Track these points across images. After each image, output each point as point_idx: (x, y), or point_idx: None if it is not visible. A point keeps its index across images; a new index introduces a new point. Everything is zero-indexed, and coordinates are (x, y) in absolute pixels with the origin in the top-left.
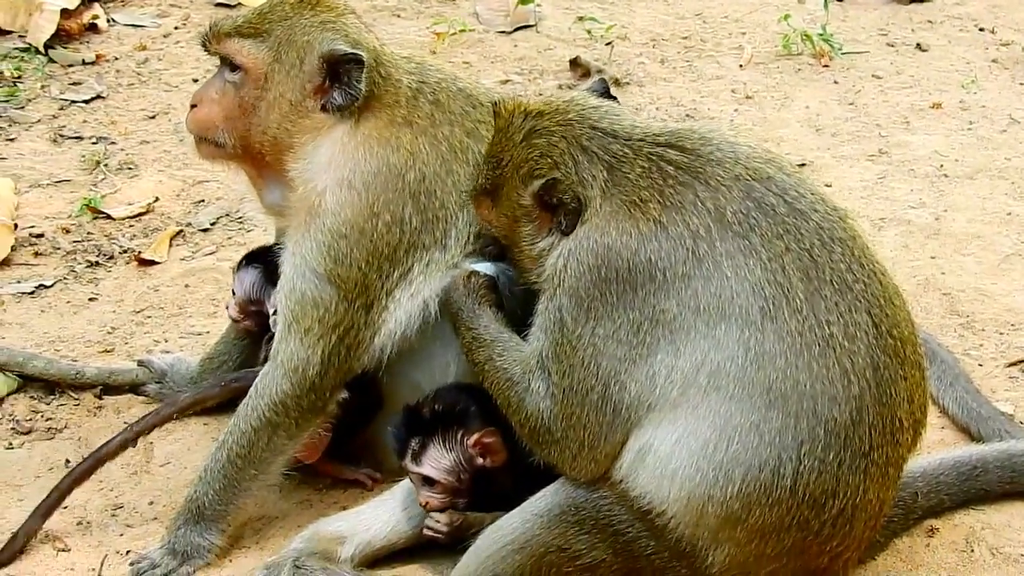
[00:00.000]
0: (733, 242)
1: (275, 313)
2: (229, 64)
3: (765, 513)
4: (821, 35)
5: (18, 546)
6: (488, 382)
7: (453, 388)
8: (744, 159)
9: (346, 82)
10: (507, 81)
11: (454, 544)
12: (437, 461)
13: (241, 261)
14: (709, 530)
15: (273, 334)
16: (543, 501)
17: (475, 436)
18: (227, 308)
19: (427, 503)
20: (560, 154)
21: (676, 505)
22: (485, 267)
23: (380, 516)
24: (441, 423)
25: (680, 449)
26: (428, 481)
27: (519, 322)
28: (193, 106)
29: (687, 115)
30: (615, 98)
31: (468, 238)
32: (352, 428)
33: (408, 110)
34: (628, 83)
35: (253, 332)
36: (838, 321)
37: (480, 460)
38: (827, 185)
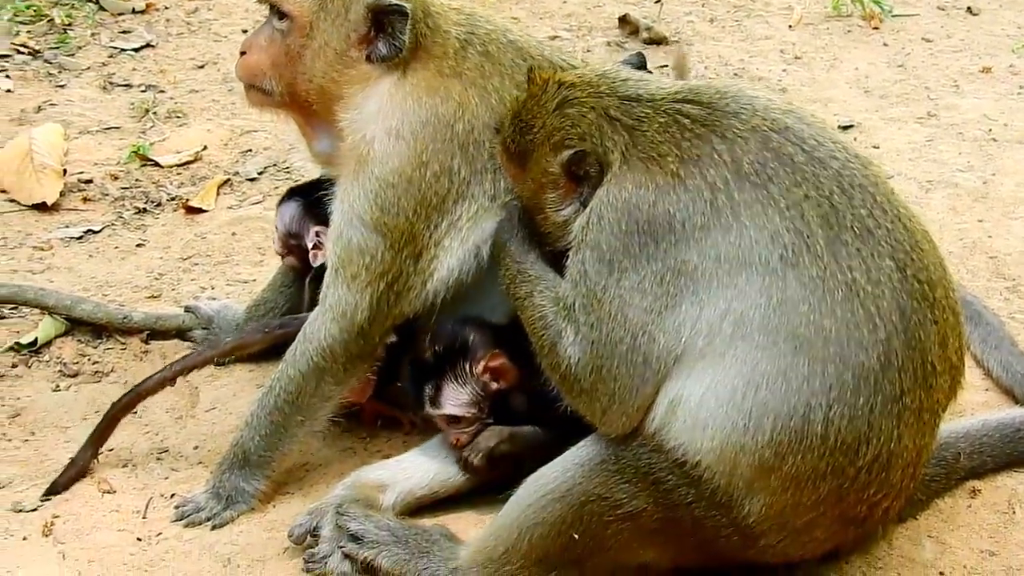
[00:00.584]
0: (751, 192)
1: (314, 248)
2: (277, 12)
3: (798, 461)
4: None
5: (73, 473)
6: (525, 317)
7: (448, 326)
8: (761, 110)
9: (390, 33)
10: (555, 37)
11: (496, 486)
12: (455, 398)
13: (283, 195)
14: (744, 479)
15: (314, 274)
16: (583, 450)
17: (482, 363)
18: (274, 243)
19: (457, 440)
20: (588, 125)
21: (710, 455)
22: None
23: (422, 464)
24: (447, 362)
25: (709, 399)
26: (453, 420)
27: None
28: (242, 53)
29: (735, 74)
30: (651, 73)
31: None
32: (399, 372)
33: (456, 61)
34: (677, 41)
35: (298, 270)
36: (860, 266)
37: (494, 384)
38: (875, 147)
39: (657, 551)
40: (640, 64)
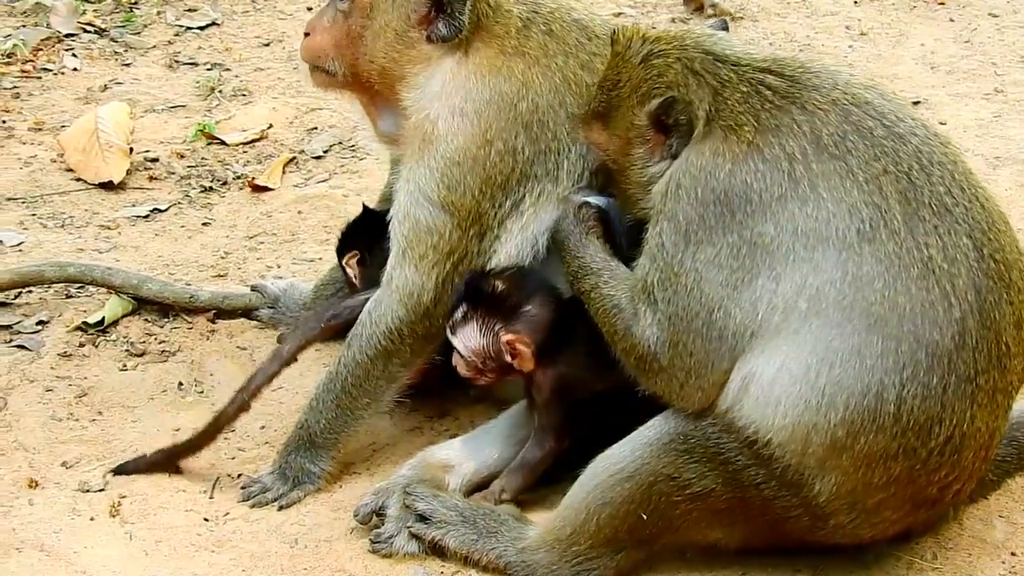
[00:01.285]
0: (829, 164)
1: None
2: None
3: (870, 440)
4: None
5: (143, 466)
6: (593, 310)
7: (526, 278)
8: (843, 84)
9: (450, 13)
10: (620, 14)
11: (564, 464)
12: (468, 338)
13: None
14: (815, 458)
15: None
16: (652, 430)
17: (510, 336)
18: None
19: (456, 366)
20: (675, 75)
21: (781, 433)
22: (597, 199)
23: (489, 444)
24: (490, 305)
25: (783, 376)
26: (457, 352)
27: (625, 258)
28: (306, 34)
29: (800, 51)
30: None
31: (580, 171)
32: None
33: (519, 40)
34: (742, 17)
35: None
36: (937, 244)
37: (508, 358)
38: (941, 123)
39: (725, 531)
40: (723, 29)
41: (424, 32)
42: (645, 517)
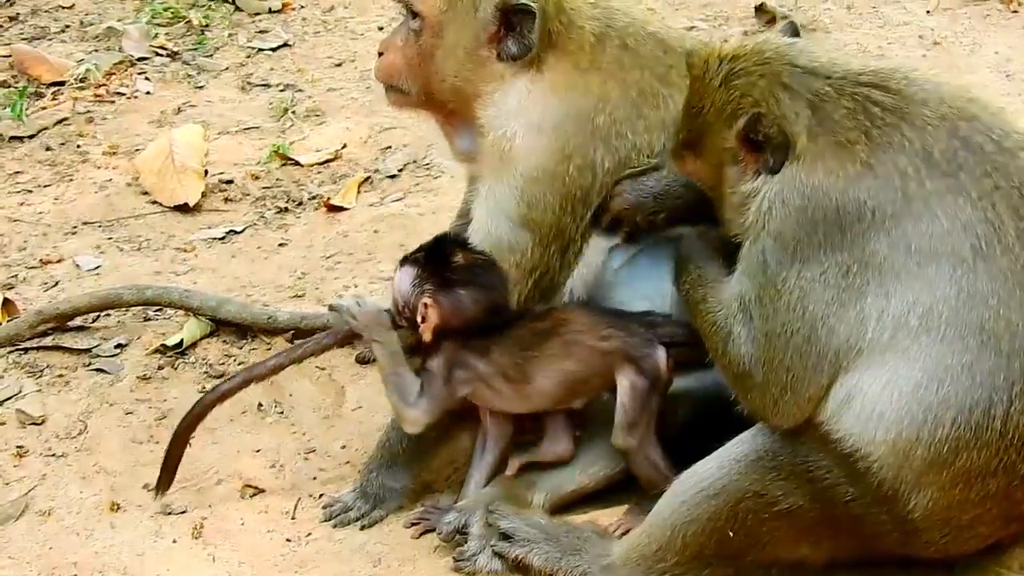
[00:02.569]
0: (942, 181)
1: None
2: (410, 11)
3: (973, 456)
4: None
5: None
6: (699, 323)
7: (486, 271)
8: (948, 99)
9: (519, 32)
10: (692, 28)
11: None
12: (402, 281)
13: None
14: (913, 473)
15: None
16: (740, 447)
17: (428, 301)
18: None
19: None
20: (761, 92)
21: (882, 447)
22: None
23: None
24: (437, 266)
25: (889, 391)
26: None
27: None
28: (380, 54)
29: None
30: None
31: None
32: None
33: (593, 55)
34: (814, 29)
35: None
36: None
37: (419, 319)
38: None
39: (812, 547)
40: (793, 32)
41: (494, 51)
42: (732, 534)
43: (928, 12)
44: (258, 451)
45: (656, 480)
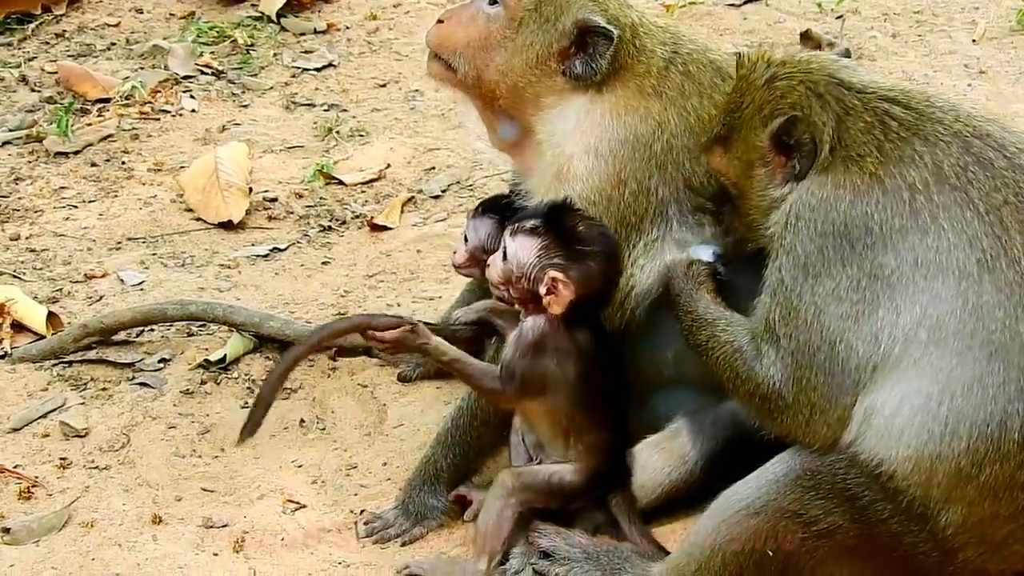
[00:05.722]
0: (950, 195)
1: None
2: None
3: (996, 469)
4: None
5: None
6: (712, 360)
7: (607, 239)
8: (964, 117)
9: (591, 53)
10: (738, 54)
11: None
12: (522, 250)
13: (477, 208)
14: (940, 489)
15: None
16: (779, 466)
17: (559, 274)
18: (453, 254)
19: (490, 265)
20: (798, 97)
21: (906, 465)
22: (705, 251)
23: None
24: (562, 237)
25: (905, 407)
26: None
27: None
28: (439, 22)
29: None
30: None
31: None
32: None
33: (658, 80)
34: (859, 57)
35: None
36: None
37: (542, 291)
38: None
39: (853, 569)
40: (845, 56)
41: (561, 65)
42: (771, 554)
43: (974, 41)
44: (300, 467)
45: None
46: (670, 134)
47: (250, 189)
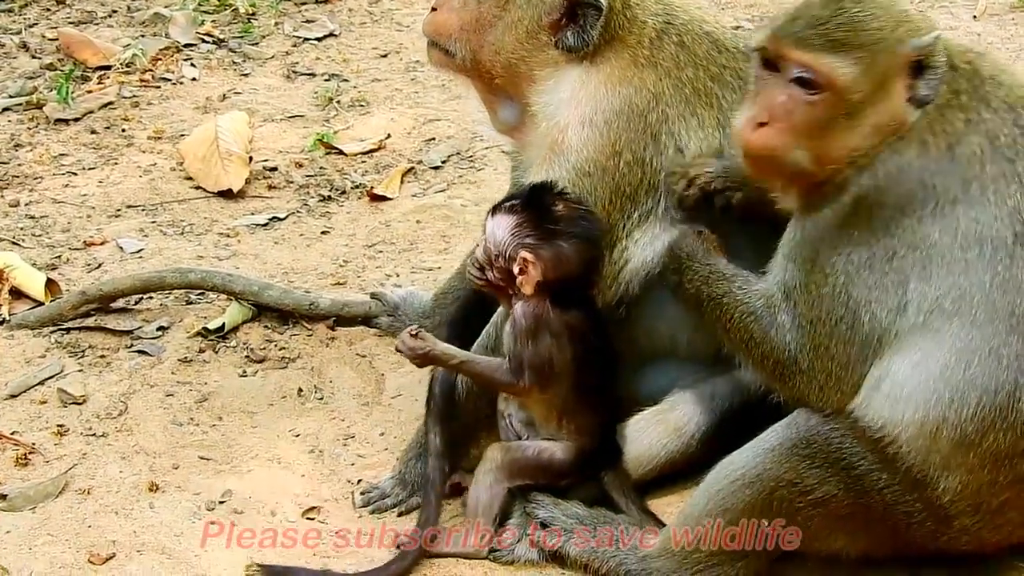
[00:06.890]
0: (1000, 166)
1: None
2: None
3: (999, 437)
4: None
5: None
6: (725, 316)
7: (588, 222)
8: (1018, 87)
9: (581, 24)
10: (738, 27)
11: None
12: (497, 229)
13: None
14: (941, 455)
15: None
16: (774, 436)
17: (528, 254)
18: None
19: (476, 248)
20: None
21: (910, 429)
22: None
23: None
24: (537, 216)
25: (917, 373)
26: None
27: None
28: (434, 9)
29: None
30: None
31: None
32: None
33: (652, 51)
34: None
35: None
36: None
37: (515, 271)
38: None
39: (848, 538)
40: None
41: (552, 37)
42: (767, 523)
43: (975, 17)
44: (297, 436)
45: None
46: (665, 104)
47: (250, 158)
